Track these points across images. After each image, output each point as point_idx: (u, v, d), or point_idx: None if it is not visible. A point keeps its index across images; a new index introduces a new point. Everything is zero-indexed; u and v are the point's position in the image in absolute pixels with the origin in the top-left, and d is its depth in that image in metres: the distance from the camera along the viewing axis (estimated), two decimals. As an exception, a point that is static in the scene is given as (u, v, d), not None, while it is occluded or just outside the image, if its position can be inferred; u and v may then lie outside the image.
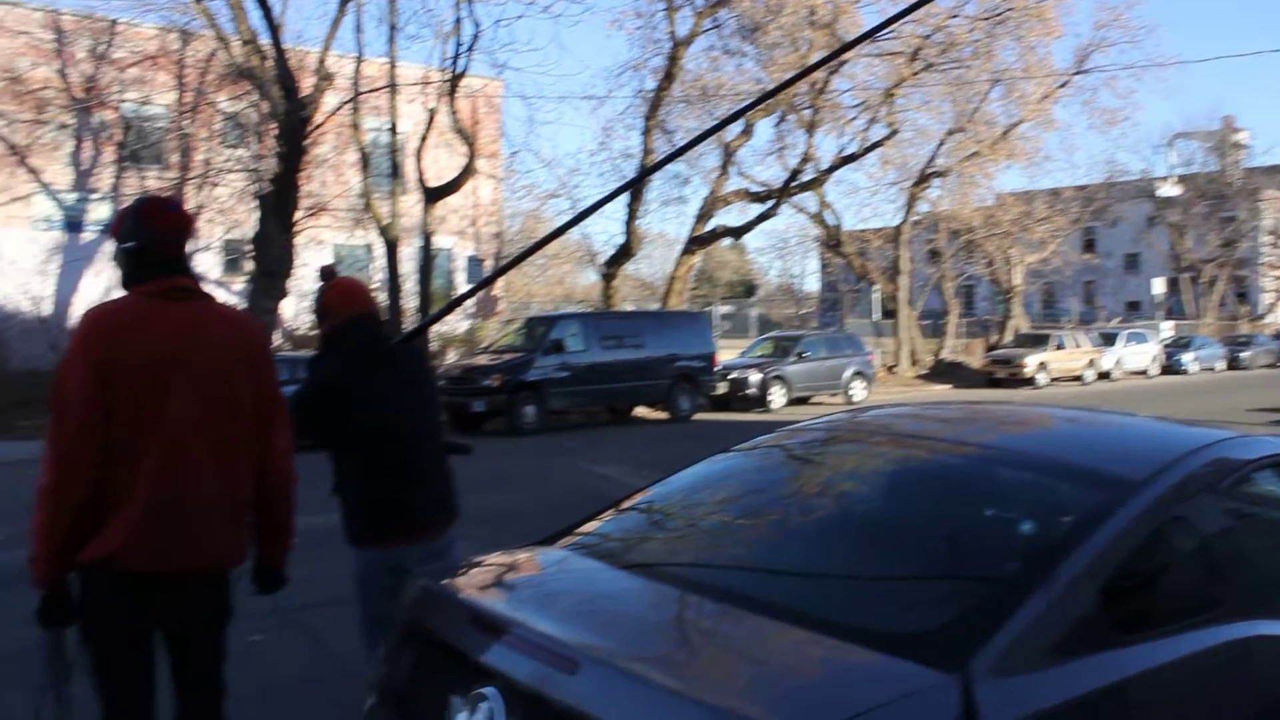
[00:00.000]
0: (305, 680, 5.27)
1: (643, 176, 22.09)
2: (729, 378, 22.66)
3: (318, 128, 19.55)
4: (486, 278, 6.37)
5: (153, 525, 2.76)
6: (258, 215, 18.74)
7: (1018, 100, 30.57)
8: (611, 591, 2.59)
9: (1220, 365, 38.74)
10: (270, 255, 17.97)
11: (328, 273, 3.87)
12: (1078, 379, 31.35)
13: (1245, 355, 40.22)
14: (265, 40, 18.39)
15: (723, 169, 28.18)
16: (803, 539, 2.85)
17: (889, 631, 2.15)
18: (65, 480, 2.70)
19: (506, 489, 11.04)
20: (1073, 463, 2.80)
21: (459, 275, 30.23)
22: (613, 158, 33.60)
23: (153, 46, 23.07)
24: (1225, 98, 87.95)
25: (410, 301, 23.36)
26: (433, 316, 5.30)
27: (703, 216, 28.00)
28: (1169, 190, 47.41)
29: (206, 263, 24.56)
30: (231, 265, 25.88)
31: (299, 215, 19.55)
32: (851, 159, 29.49)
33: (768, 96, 13.13)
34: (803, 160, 28.64)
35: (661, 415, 20.61)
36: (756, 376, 22.82)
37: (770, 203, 28.73)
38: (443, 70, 22.58)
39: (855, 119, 29.31)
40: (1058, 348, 31.34)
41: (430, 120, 22.83)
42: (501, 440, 16.82)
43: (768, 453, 3.45)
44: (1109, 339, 34.75)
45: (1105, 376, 32.81)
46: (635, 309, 30.18)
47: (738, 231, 29.83)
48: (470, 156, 22.50)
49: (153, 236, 2.94)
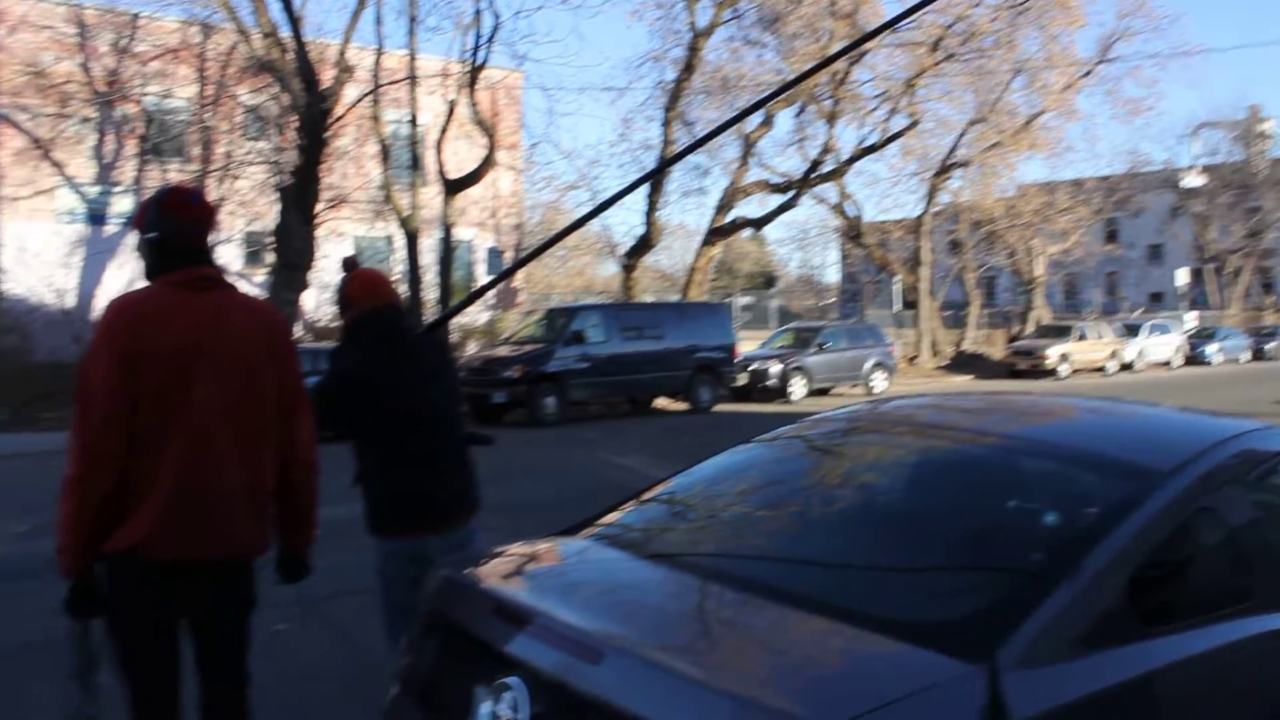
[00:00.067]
0: (328, 669, 5.30)
1: (663, 168, 22.00)
2: (749, 369, 22.57)
3: (338, 120, 19.58)
4: (507, 269, 6.39)
5: (177, 515, 2.78)
6: (279, 208, 18.78)
7: (1040, 90, 30.34)
8: (634, 581, 2.58)
9: (1245, 357, 38.26)
10: (291, 247, 18.02)
11: (350, 264, 3.88)
12: (1100, 370, 31.13)
13: (1271, 347, 39.77)
14: (286, 33, 18.45)
15: (743, 160, 28.13)
16: (825, 529, 2.83)
17: (913, 621, 2.13)
18: (90, 471, 2.72)
19: (527, 480, 11.04)
20: (1098, 453, 2.77)
21: (479, 267, 30.28)
22: (633, 149, 33.51)
23: (174, 40, 23.15)
24: (1251, 87, 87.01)
25: (431, 293, 23.41)
26: (454, 307, 5.31)
27: (723, 208, 27.96)
28: (1193, 180, 46.94)
29: (228, 255, 24.65)
30: (253, 257, 26.01)
31: (320, 207, 19.60)
32: (872, 149, 29.36)
33: (788, 87, 13.00)
34: (823, 151, 28.57)
35: (682, 406, 20.58)
36: (777, 368, 22.77)
37: (790, 194, 28.66)
38: (463, 62, 22.60)
39: (876, 109, 29.25)
40: (1080, 339, 31.10)
41: (450, 112, 22.85)
42: (522, 431, 16.83)
43: (789, 443, 3.44)
44: (1132, 330, 34.46)
45: (1128, 368, 32.58)
46: (655, 300, 30.10)
47: (758, 223, 29.82)
48: (490, 148, 22.52)
49: (175, 227, 2.96)
